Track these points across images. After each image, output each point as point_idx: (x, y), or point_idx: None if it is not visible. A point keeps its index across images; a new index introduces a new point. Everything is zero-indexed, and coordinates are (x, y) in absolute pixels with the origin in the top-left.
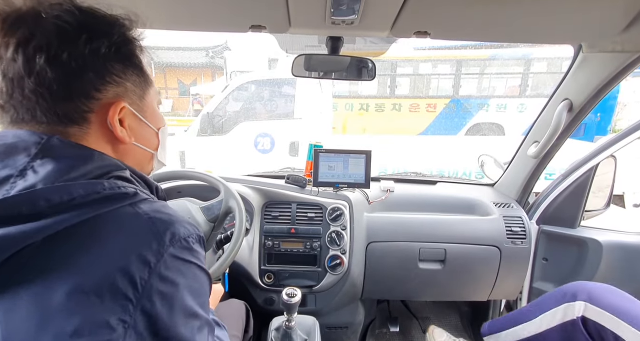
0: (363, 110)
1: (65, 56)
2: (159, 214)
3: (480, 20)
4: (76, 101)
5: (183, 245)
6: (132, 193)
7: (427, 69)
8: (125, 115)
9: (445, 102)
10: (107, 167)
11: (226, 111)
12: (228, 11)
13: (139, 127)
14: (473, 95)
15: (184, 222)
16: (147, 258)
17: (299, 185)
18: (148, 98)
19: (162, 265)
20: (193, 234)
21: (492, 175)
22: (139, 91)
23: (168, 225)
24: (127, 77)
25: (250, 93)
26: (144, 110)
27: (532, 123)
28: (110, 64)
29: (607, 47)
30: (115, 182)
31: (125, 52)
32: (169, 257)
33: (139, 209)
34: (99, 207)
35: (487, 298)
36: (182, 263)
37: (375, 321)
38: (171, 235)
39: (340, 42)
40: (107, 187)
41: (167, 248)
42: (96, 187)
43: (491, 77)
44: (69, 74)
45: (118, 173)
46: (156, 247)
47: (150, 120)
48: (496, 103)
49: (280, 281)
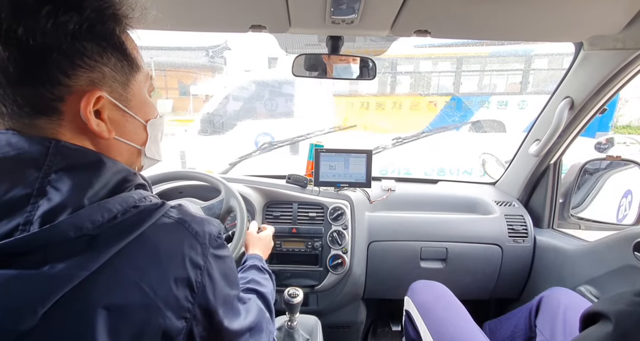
0: (364, 108)
1: (20, 31)
2: (189, 217)
3: (480, 18)
4: (39, 87)
5: (218, 242)
6: (159, 203)
7: (428, 67)
8: (104, 105)
9: (445, 100)
10: (120, 173)
11: (226, 110)
12: (228, 11)
13: (122, 118)
14: (473, 92)
15: (210, 220)
16: (197, 261)
17: (300, 184)
18: (134, 86)
19: (209, 265)
20: (221, 229)
21: (493, 173)
22: (120, 77)
23: (202, 227)
24: (103, 61)
25: (250, 93)
26: (128, 99)
27: (533, 121)
28: (81, 43)
29: (608, 44)
30: (140, 192)
31: (100, 31)
32: (211, 256)
33: (173, 216)
34: (140, 223)
35: (489, 296)
36: (221, 260)
37: (377, 321)
38: (209, 235)
39: (340, 41)
40: (137, 198)
41: (209, 249)
42: (129, 200)
43: (492, 74)
44: (27, 54)
45: (135, 180)
46: (201, 249)
47: (137, 110)
48: (497, 100)
49: (282, 280)
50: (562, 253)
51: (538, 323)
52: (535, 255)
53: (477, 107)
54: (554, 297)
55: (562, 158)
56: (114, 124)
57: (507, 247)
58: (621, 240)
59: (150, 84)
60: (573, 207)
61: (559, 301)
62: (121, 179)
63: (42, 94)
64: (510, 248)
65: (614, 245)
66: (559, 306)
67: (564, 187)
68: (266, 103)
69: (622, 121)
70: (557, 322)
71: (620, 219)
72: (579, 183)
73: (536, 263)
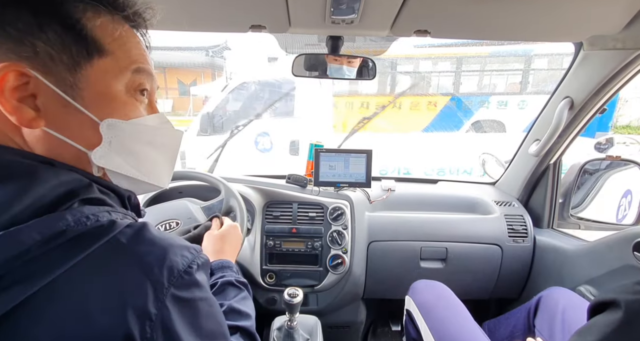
0: (363, 108)
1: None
2: (146, 245)
3: (480, 18)
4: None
5: (185, 280)
6: (106, 224)
7: (427, 67)
8: (39, 90)
9: (445, 100)
10: (65, 185)
11: (226, 110)
12: (228, 11)
13: (62, 110)
14: (473, 92)
15: (179, 247)
16: (146, 309)
17: (300, 184)
18: (90, 72)
19: (164, 313)
20: (193, 260)
21: (493, 173)
22: (65, 57)
23: (161, 259)
24: (37, 33)
25: (250, 93)
26: (77, 87)
27: (533, 121)
28: (2, 9)
29: (608, 44)
30: (82, 211)
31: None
32: (171, 301)
33: (119, 245)
34: (68, 256)
35: (489, 296)
36: (187, 304)
37: (376, 320)
38: (168, 271)
39: (340, 41)
40: (73, 220)
41: (167, 291)
42: (56, 223)
43: (491, 74)
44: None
45: (84, 195)
46: (153, 293)
47: (90, 103)
48: (496, 100)
49: (282, 280)
50: (562, 253)
51: (537, 323)
52: (535, 255)
53: (476, 107)
54: (552, 297)
55: (562, 158)
56: (49, 115)
57: (507, 247)
58: (621, 240)
59: (141, 80)
60: (573, 207)
61: (558, 301)
62: (63, 193)
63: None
64: (510, 248)
65: (614, 245)
66: (557, 306)
67: (564, 187)
68: (266, 103)
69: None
70: (555, 322)
71: (620, 219)
72: (578, 183)
73: (536, 263)
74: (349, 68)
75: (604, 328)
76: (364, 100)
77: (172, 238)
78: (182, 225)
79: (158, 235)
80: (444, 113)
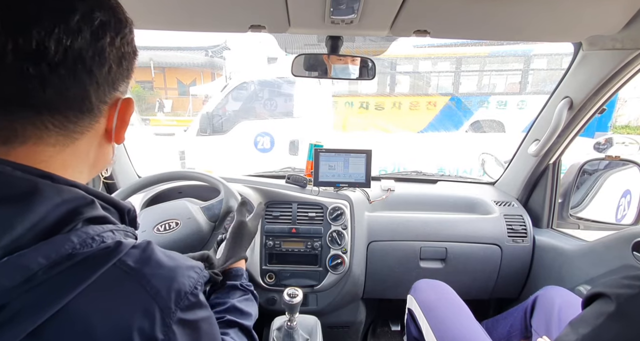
0: (363, 108)
1: (118, 40)
2: (154, 268)
3: (479, 18)
4: (101, 86)
5: (191, 301)
6: (113, 246)
7: (427, 67)
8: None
9: (445, 100)
10: (68, 203)
11: (225, 110)
12: (227, 11)
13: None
14: (473, 92)
15: (185, 268)
16: (153, 335)
17: (299, 184)
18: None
19: (171, 338)
20: (199, 280)
21: (493, 173)
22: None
23: (169, 281)
24: (130, 76)
25: (250, 93)
26: None
27: (532, 121)
28: (129, 58)
29: (607, 45)
30: (87, 231)
31: (130, 51)
32: (178, 325)
33: (126, 268)
34: (76, 281)
35: (489, 296)
36: (192, 327)
37: (376, 320)
38: (175, 294)
39: (339, 41)
40: (78, 242)
41: (174, 314)
42: (62, 247)
43: (491, 74)
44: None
45: (88, 214)
46: (160, 317)
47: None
48: (496, 100)
49: (282, 280)
50: (561, 253)
51: (533, 323)
52: (534, 255)
53: (476, 107)
54: (548, 296)
55: (561, 158)
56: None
57: (506, 247)
58: (620, 239)
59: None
60: (572, 207)
61: (554, 301)
62: (66, 212)
63: (98, 94)
64: (509, 248)
65: (613, 245)
66: (553, 305)
67: (563, 187)
68: (265, 103)
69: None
70: (552, 321)
71: (619, 219)
72: (578, 183)
73: (535, 263)
74: (349, 67)
75: (595, 320)
76: (364, 100)
77: (178, 259)
78: (182, 225)
79: (164, 255)
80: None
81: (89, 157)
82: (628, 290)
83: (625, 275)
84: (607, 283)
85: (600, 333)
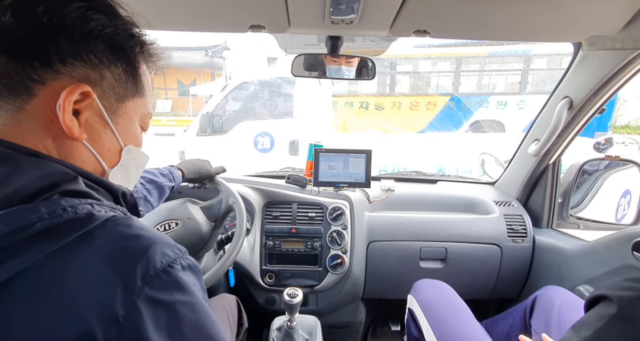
0: (363, 108)
1: (40, 8)
2: (124, 241)
3: (479, 18)
4: (25, 62)
5: (163, 279)
6: (83, 216)
7: (427, 67)
8: (87, 107)
9: (445, 100)
10: (49, 177)
11: (225, 110)
12: (227, 11)
13: (101, 129)
14: (473, 92)
15: (163, 244)
16: (114, 311)
17: (299, 184)
18: (129, 105)
19: (135, 317)
20: (176, 259)
21: (493, 173)
22: (119, 89)
23: (138, 256)
24: (110, 67)
25: (249, 93)
26: (117, 114)
27: (532, 121)
28: (95, 41)
29: (607, 44)
30: (58, 202)
31: (121, 41)
32: (145, 303)
33: (92, 240)
34: (34, 250)
35: (489, 296)
36: (164, 308)
37: (376, 320)
38: (143, 269)
39: (339, 41)
40: (45, 212)
41: (140, 291)
42: (27, 215)
43: (491, 74)
44: (32, 26)
45: (66, 187)
46: (123, 294)
47: (121, 129)
48: (496, 100)
49: (281, 281)
50: (561, 253)
51: (533, 323)
52: (534, 255)
53: (476, 107)
54: (548, 296)
55: (561, 158)
56: (88, 130)
57: (506, 247)
58: (620, 239)
59: (147, 122)
60: (572, 207)
61: (553, 300)
62: (46, 185)
63: (24, 69)
64: (509, 248)
65: (613, 245)
66: (553, 305)
67: (563, 187)
68: (265, 103)
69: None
70: (551, 321)
71: (619, 219)
72: (577, 183)
73: (535, 263)
74: (348, 68)
75: (596, 322)
76: (364, 100)
77: (156, 235)
78: (182, 225)
79: (140, 230)
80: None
81: None
82: (629, 292)
83: (626, 277)
84: (609, 286)
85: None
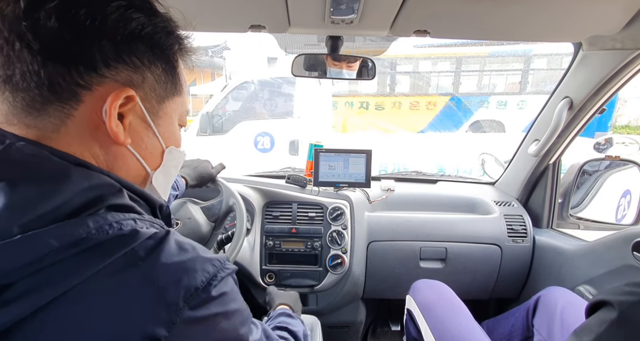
0: (363, 108)
1: (83, 10)
2: (164, 260)
3: (479, 18)
4: (71, 67)
5: (202, 298)
6: (128, 233)
7: (427, 67)
8: (131, 110)
9: (445, 100)
10: (95, 189)
11: (225, 110)
12: (227, 11)
13: (143, 132)
14: (473, 92)
15: (203, 260)
16: (155, 332)
17: (299, 184)
18: (169, 105)
19: (176, 338)
20: (216, 274)
21: (493, 173)
22: (160, 91)
23: (179, 276)
24: (151, 68)
25: (250, 93)
26: (158, 115)
27: (532, 121)
28: (136, 43)
29: (607, 45)
30: (105, 217)
31: (160, 40)
32: (186, 323)
33: (136, 258)
34: (85, 266)
35: (489, 296)
36: (202, 323)
37: (376, 320)
38: (185, 290)
39: (339, 41)
40: (93, 227)
41: (181, 312)
42: (76, 231)
43: (491, 74)
44: (76, 31)
45: (112, 201)
46: (166, 315)
47: (162, 131)
48: (496, 100)
49: (281, 280)
50: (561, 253)
51: (535, 323)
52: (534, 255)
53: (476, 107)
54: (551, 297)
55: (561, 158)
56: (132, 134)
57: (506, 247)
58: (620, 240)
59: (185, 119)
60: (572, 207)
61: (556, 301)
62: (92, 198)
63: (71, 74)
64: (509, 248)
65: (613, 245)
66: (556, 305)
67: (563, 187)
68: (265, 103)
69: (621, 121)
70: (554, 322)
71: (619, 219)
72: (578, 183)
73: (535, 263)
74: (349, 71)
75: (598, 327)
76: (364, 100)
77: (196, 251)
78: (182, 225)
79: (180, 248)
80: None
81: None
82: (630, 297)
83: (627, 282)
84: (610, 291)
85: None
